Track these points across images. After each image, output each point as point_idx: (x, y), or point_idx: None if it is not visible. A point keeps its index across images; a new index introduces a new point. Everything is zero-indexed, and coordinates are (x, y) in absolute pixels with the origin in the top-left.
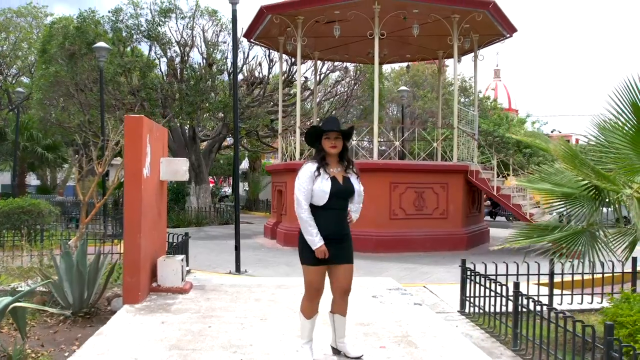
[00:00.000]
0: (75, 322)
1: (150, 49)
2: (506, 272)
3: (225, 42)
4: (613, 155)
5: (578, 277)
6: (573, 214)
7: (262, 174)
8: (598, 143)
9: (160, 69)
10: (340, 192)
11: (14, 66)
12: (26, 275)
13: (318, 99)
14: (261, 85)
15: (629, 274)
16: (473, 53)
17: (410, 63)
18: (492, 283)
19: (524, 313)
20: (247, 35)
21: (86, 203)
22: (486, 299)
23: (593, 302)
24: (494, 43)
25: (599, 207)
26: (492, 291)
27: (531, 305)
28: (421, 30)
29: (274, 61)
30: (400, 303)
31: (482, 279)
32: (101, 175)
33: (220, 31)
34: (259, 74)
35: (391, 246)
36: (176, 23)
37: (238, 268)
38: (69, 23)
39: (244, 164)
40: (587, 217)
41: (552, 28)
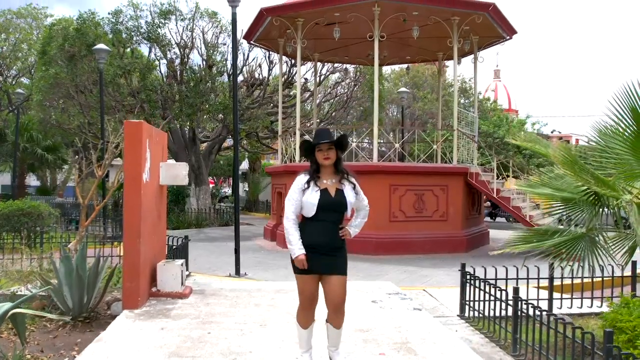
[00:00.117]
0: (75, 327)
1: (150, 51)
2: (506, 276)
3: (225, 44)
4: (614, 160)
5: (578, 281)
6: (573, 219)
7: (262, 175)
8: (598, 148)
9: (160, 71)
10: (329, 205)
11: (14, 67)
12: (26, 279)
13: (318, 101)
14: (261, 86)
15: (629, 278)
16: (473, 55)
17: (410, 64)
18: (492, 288)
19: (524, 317)
20: (247, 36)
21: (86, 206)
22: (486, 304)
23: (593, 306)
24: (494, 45)
25: (599, 213)
26: (492, 296)
27: (530, 310)
28: (421, 32)
29: (274, 63)
30: (399, 308)
31: (482, 284)
32: (101, 178)
33: (220, 33)
34: (259, 76)
35: (391, 249)
36: (176, 25)
37: (238, 271)
38: (69, 25)
39: (244, 165)
40: (587, 222)
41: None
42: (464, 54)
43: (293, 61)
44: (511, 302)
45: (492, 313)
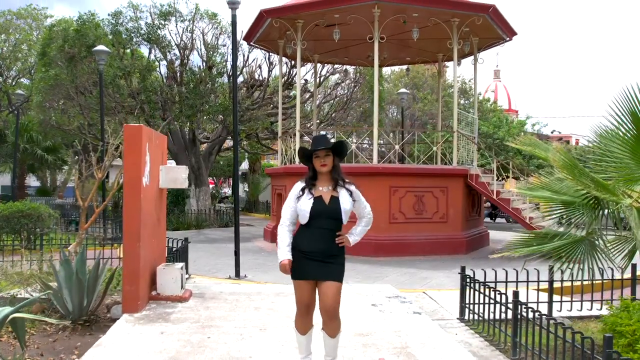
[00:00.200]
0: (74, 330)
1: (150, 52)
2: (506, 279)
3: (225, 45)
4: (614, 164)
5: (577, 283)
6: (573, 222)
7: (262, 175)
8: (599, 151)
9: (160, 72)
10: (322, 213)
11: (14, 68)
12: (26, 282)
13: (318, 102)
14: (261, 87)
15: (629, 280)
16: (473, 56)
17: (410, 66)
18: (492, 291)
19: (524, 321)
20: (247, 38)
21: (85, 208)
22: (486, 307)
23: (592, 309)
24: (494, 46)
25: (599, 216)
26: (492, 299)
27: (530, 314)
28: (421, 33)
29: (274, 64)
30: (399, 312)
31: (482, 287)
32: (100, 180)
33: (220, 34)
34: (259, 77)
35: (391, 250)
36: (176, 26)
37: (238, 273)
38: (69, 26)
39: (244, 165)
40: (587, 226)
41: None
42: (464, 55)
43: (293, 62)
44: (511, 306)
45: (492, 316)
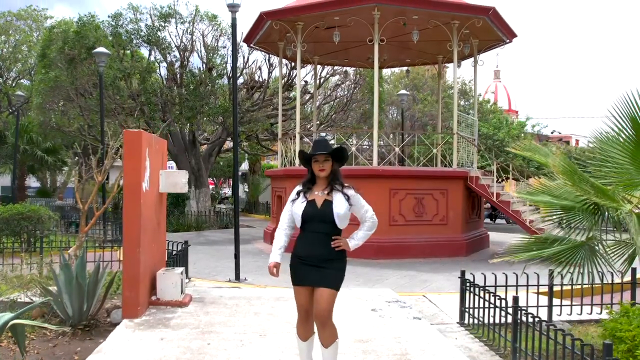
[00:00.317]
0: (74, 335)
1: (150, 54)
2: (505, 283)
3: (225, 47)
4: (615, 170)
5: (577, 287)
6: (573, 227)
7: (262, 176)
8: (599, 156)
9: (160, 74)
10: (314, 216)
11: (14, 69)
12: (26, 286)
13: (318, 103)
14: (261, 89)
15: (629, 284)
16: (473, 58)
17: (410, 67)
18: (492, 296)
19: (524, 325)
20: (247, 40)
21: (85, 212)
22: (485, 311)
23: (592, 313)
24: (494, 48)
25: (599, 222)
26: (492, 304)
27: (530, 319)
28: (421, 35)
29: (274, 65)
30: (399, 317)
31: (482, 291)
32: (100, 183)
33: (220, 36)
34: (259, 78)
35: (391, 253)
36: (176, 28)
37: (238, 276)
38: (69, 27)
39: (244, 165)
40: (587, 231)
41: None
42: (464, 57)
43: (293, 64)
44: (511, 311)
45: (492, 320)
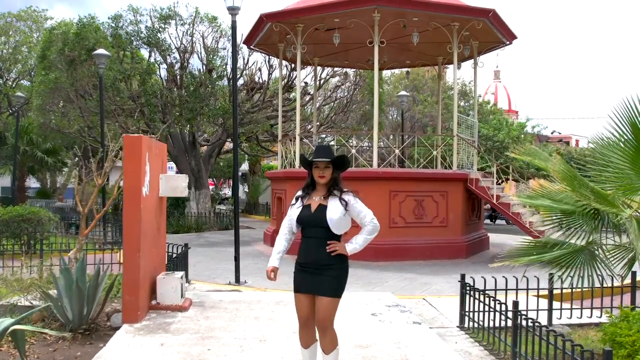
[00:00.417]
0: (74, 339)
1: (150, 55)
2: (505, 287)
3: (225, 48)
4: (615, 174)
5: (577, 290)
6: (572, 231)
7: (262, 177)
8: (600, 161)
9: (160, 75)
10: (309, 221)
11: (14, 70)
12: (26, 290)
13: (318, 104)
14: (261, 90)
15: (629, 287)
16: (473, 60)
17: (410, 69)
18: (492, 300)
19: (524, 329)
20: (247, 41)
21: (85, 214)
22: (485, 315)
23: (592, 316)
24: (494, 50)
25: (599, 227)
26: (492, 308)
27: (530, 324)
28: (421, 37)
29: (274, 67)
30: (399, 322)
31: (481, 295)
32: (100, 186)
33: (220, 37)
34: (259, 80)
35: (391, 255)
36: (176, 29)
37: (238, 279)
38: (69, 29)
39: (244, 166)
40: (587, 235)
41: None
42: (464, 59)
43: (293, 65)
44: (510, 315)
45: (492, 324)
